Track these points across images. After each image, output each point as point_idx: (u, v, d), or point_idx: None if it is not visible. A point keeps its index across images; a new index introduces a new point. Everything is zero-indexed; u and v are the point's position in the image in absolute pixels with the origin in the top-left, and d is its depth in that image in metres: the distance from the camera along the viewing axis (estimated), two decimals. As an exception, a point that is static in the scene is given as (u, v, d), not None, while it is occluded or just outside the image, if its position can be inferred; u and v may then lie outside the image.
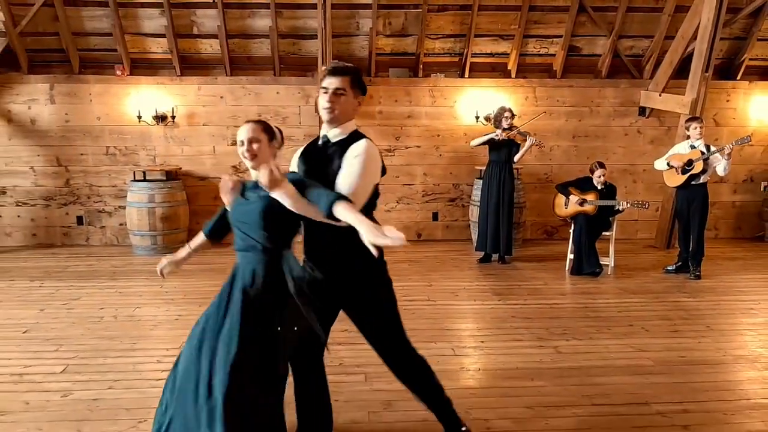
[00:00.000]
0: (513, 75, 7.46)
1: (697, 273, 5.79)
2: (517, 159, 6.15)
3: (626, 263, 6.38)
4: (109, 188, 7.23)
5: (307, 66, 7.24)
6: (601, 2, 7.09)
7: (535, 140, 6.02)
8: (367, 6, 6.84)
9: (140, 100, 7.04)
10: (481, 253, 6.42)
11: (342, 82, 2.34)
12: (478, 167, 6.94)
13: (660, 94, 7.18)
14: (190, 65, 7.24)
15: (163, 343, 4.07)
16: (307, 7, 6.77)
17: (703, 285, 5.59)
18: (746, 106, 7.68)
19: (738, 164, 7.35)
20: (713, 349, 3.97)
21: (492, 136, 6.11)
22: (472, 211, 7.08)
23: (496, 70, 7.55)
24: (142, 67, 7.20)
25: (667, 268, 6.06)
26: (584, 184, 6.00)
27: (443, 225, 7.62)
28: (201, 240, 2.60)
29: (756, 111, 7.69)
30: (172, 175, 6.90)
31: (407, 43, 7.28)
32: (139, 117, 7.01)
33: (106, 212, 7.28)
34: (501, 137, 6.07)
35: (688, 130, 5.85)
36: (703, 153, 5.71)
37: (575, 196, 5.93)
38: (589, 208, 5.88)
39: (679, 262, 6.02)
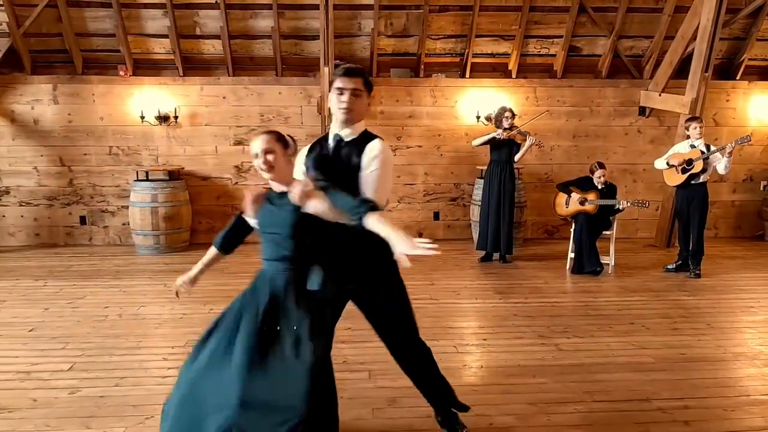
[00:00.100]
0: (514, 75, 7.48)
1: (697, 272, 5.82)
2: (517, 158, 6.18)
3: (626, 262, 6.41)
4: (112, 188, 7.26)
5: (309, 66, 7.27)
6: (602, 3, 7.12)
7: (534, 140, 6.06)
8: (369, 7, 6.87)
9: (143, 101, 7.07)
10: (482, 252, 6.46)
11: (357, 82, 2.40)
12: (479, 167, 6.97)
13: (660, 94, 7.21)
14: (193, 66, 7.26)
15: (168, 341, 4.11)
16: (309, 8, 6.80)
17: (703, 283, 5.62)
18: (746, 105, 7.71)
19: (738, 164, 7.38)
20: (713, 347, 4.00)
21: (493, 136, 6.15)
22: (473, 210, 7.11)
23: (496, 70, 7.57)
24: (145, 67, 7.22)
25: (668, 267, 6.09)
26: (585, 184, 6.03)
27: (444, 224, 7.65)
28: (213, 254, 2.54)
29: (755, 111, 7.71)
30: (175, 175, 6.93)
31: (408, 44, 7.31)
32: (142, 117, 7.04)
33: (109, 212, 7.31)
34: (502, 137, 6.10)
35: (688, 130, 5.88)
36: (702, 152, 5.74)
37: (577, 195, 5.97)
38: (589, 207, 5.92)
39: (679, 261, 6.05)
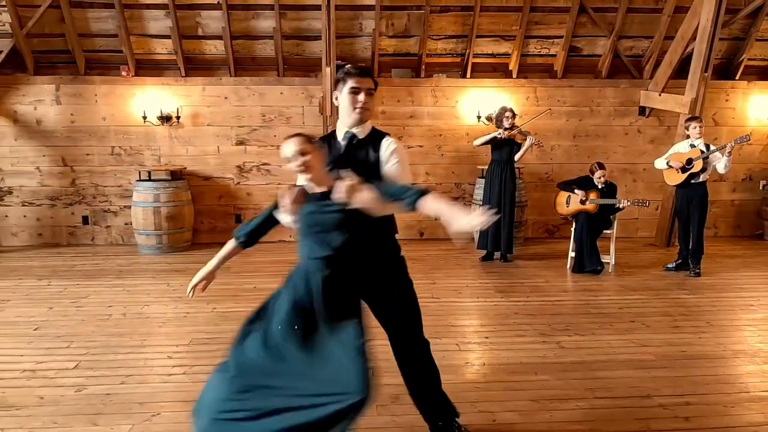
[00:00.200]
0: (514, 75, 7.52)
1: (697, 270, 5.85)
2: (517, 158, 6.21)
3: (627, 261, 6.44)
4: (115, 188, 7.29)
5: (311, 67, 7.31)
6: (602, 3, 7.15)
7: (534, 140, 6.09)
8: (371, 7, 6.90)
9: (145, 101, 7.10)
10: (483, 252, 6.49)
11: (371, 82, 2.46)
12: (480, 167, 7.00)
13: (660, 94, 7.24)
14: (195, 66, 7.29)
15: (173, 340, 4.14)
16: (311, 8, 6.82)
17: (703, 282, 5.65)
18: (745, 105, 7.74)
19: (737, 163, 7.41)
20: (713, 344, 4.03)
21: (494, 135, 6.18)
22: (474, 210, 7.12)
23: (497, 70, 7.60)
24: (147, 67, 7.25)
25: (668, 266, 6.12)
26: (585, 184, 6.05)
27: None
28: (231, 247, 2.47)
29: (755, 110, 7.75)
30: (177, 174, 6.96)
31: (410, 44, 7.34)
32: (144, 117, 7.07)
33: (111, 212, 7.34)
34: (502, 136, 6.14)
35: (688, 130, 5.91)
36: (702, 152, 5.77)
37: (579, 192, 5.98)
38: (590, 206, 5.95)
39: (679, 260, 6.08)
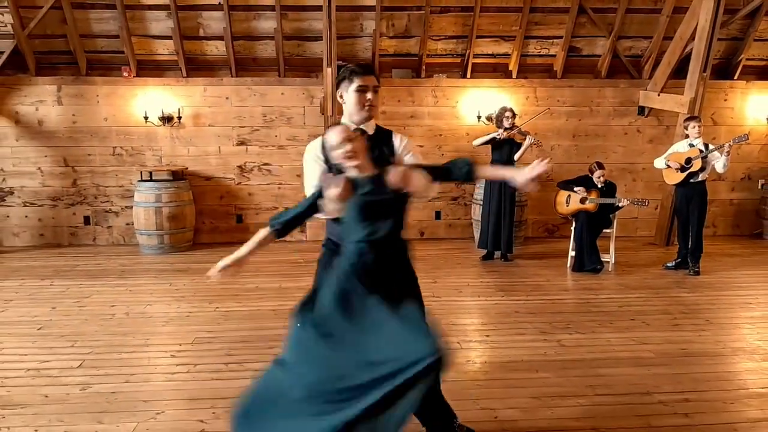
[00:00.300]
0: (514, 75, 7.55)
1: (696, 269, 5.89)
2: (517, 158, 6.24)
3: (626, 260, 6.47)
4: (116, 188, 7.31)
5: (312, 67, 7.34)
6: (601, 4, 7.18)
7: (533, 139, 6.13)
8: (371, 8, 6.93)
9: (147, 101, 7.12)
10: (484, 251, 6.52)
11: (376, 79, 2.50)
12: (481, 166, 7.02)
13: (659, 94, 7.27)
14: (196, 66, 7.32)
15: (176, 339, 4.16)
16: (312, 9, 6.85)
17: (702, 281, 5.69)
18: (743, 105, 7.78)
19: (736, 162, 7.44)
20: (712, 342, 4.07)
21: (493, 136, 6.22)
22: (475, 209, 7.17)
23: (497, 70, 7.64)
24: (149, 68, 7.28)
25: (667, 265, 6.16)
26: (584, 183, 6.08)
27: (446, 224, 7.71)
28: (264, 235, 2.37)
29: (753, 110, 7.79)
30: (179, 175, 6.99)
31: (410, 45, 7.37)
32: (146, 118, 7.09)
33: (112, 212, 7.36)
34: (502, 136, 6.17)
35: (687, 129, 5.95)
36: (701, 151, 5.81)
37: (579, 189, 6.00)
38: (589, 205, 5.98)
39: (679, 259, 6.12)
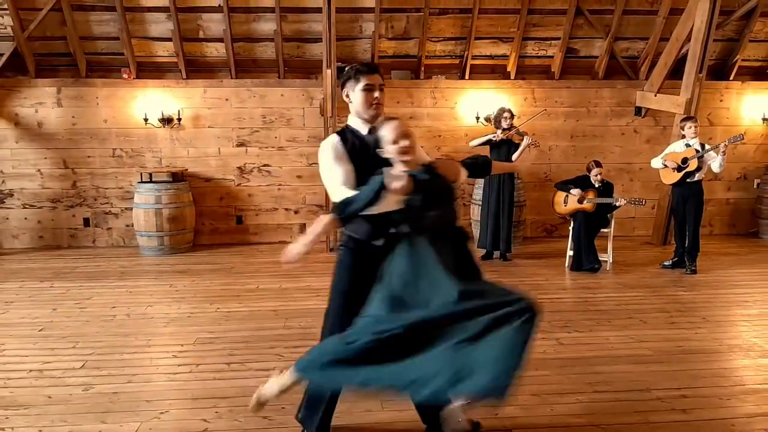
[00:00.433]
0: (512, 76, 7.59)
1: (693, 268, 5.93)
2: (515, 158, 6.27)
3: (624, 259, 6.51)
4: (116, 190, 7.33)
5: (311, 69, 7.36)
6: (598, 5, 7.22)
7: (531, 140, 6.17)
8: (370, 10, 6.96)
9: (146, 103, 7.14)
10: (483, 251, 6.55)
11: (381, 78, 2.49)
12: (479, 167, 7.05)
13: (655, 95, 7.32)
14: (196, 68, 7.34)
15: (177, 340, 4.19)
16: (311, 11, 6.88)
17: (699, 279, 5.74)
18: (739, 105, 7.83)
19: (732, 162, 7.48)
20: (709, 339, 4.11)
21: (490, 137, 6.26)
22: (474, 209, 7.20)
23: (495, 71, 7.67)
24: (149, 70, 7.29)
25: (664, 264, 6.20)
26: (582, 183, 6.13)
27: (444, 224, 7.72)
28: (328, 222, 2.34)
29: (748, 110, 7.83)
30: (178, 176, 7.01)
31: (409, 46, 7.41)
32: (146, 119, 7.11)
33: (112, 214, 7.38)
34: (497, 138, 6.22)
35: (683, 129, 5.99)
36: (697, 151, 5.86)
37: (576, 191, 6.06)
38: (587, 205, 6.02)
39: (676, 258, 6.16)
